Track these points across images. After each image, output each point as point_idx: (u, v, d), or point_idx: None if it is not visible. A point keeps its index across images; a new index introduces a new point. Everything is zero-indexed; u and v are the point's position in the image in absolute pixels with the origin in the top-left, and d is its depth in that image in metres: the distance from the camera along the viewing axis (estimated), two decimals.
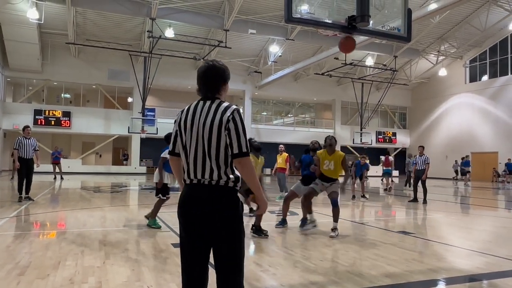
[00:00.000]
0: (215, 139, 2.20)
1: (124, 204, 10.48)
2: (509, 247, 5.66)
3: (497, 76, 28.72)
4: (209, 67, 2.37)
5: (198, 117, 2.28)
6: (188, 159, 2.26)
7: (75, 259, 4.44)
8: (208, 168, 2.20)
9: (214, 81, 2.36)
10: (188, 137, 2.27)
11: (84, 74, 26.33)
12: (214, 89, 2.36)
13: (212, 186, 2.19)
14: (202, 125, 2.24)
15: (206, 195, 2.18)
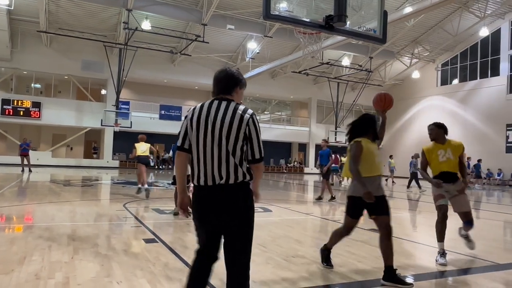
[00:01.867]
0: (233, 139, 2.27)
1: (95, 199, 10.25)
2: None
3: (467, 80, 29.70)
4: (224, 70, 2.49)
5: (214, 115, 2.32)
6: (204, 157, 2.30)
7: (42, 254, 4.31)
8: (224, 167, 2.26)
9: (227, 83, 2.43)
10: (202, 135, 2.30)
11: (56, 64, 25.54)
12: (227, 90, 2.42)
13: (229, 186, 2.28)
14: (220, 124, 2.28)
15: (223, 197, 2.29)
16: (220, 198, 2.28)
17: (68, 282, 3.43)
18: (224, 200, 2.29)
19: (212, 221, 2.34)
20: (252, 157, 2.34)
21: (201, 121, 2.32)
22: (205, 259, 2.42)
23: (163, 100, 30.13)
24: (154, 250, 4.69)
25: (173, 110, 29.08)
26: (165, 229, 6.23)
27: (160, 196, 11.28)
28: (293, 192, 15.35)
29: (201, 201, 2.33)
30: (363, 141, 3.87)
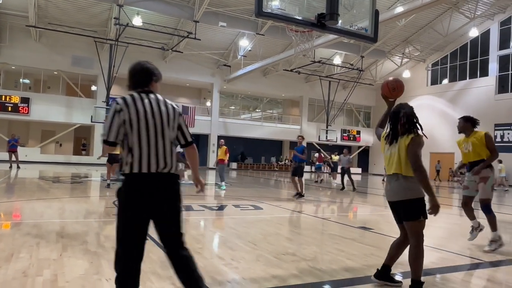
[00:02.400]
0: (172, 129, 2.52)
1: (84, 196, 10.17)
2: (461, 243, 5.94)
3: (456, 80, 30.03)
4: (139, 63, 2.68)
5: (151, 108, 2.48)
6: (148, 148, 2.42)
7: (30, 251, 4.26)
8: (168, 156, 2.47)
9: (144, 76, 2.61)
10: (145, 128, 2.43)
11: (45, 59, 25.22)
12: (144, 84, 2.60)
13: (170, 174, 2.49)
14: (159, 116, 2.47)
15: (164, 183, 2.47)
16: (161, 185, 2.46)
17: (57, 279, 3.39)
18: (165, 187, 2.47)
19: (146, 207, 2.44)
20: (185, 141, 2.62)
21: (141, 115, 2.43)
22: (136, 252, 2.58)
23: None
24: None
25: None
26: None
27: None
28: (284, 190, 15.38)
29: (140, 187, 2.42)
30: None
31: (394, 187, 3.32)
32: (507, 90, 26.88)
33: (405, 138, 3.27)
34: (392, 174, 3.31)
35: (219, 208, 8.57)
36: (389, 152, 3.38)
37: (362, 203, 12.02)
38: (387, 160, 3.40)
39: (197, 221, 7.15)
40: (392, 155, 3.34)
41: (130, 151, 2.43)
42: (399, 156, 3.26)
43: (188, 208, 8.28)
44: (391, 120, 3.40)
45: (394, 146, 3.33)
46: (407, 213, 3.30)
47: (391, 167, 3.34)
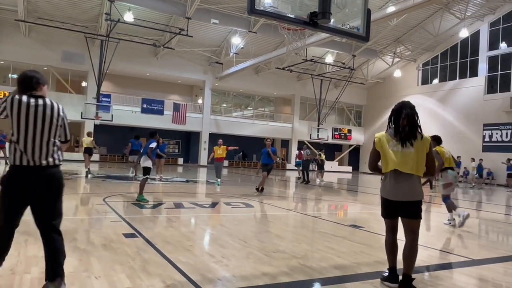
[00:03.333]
0: (54, 128, 2.96)
1: (74, 192, 10.08)
2: (449, 241, 6.02)
3: (446, 80, 30.32)
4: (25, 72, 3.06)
5: (36, 109, 2.88)
6: (32, 144, 2.85)
7: (18, 248, 4.21)
8: (44, 152, 2.89)
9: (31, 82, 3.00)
10: (32, 125, 2.85)
11: (35, 54, 24.88)
12: (33, 88, 2.99)
13: (44, 167, 2.89)
14: (42, 116, 2.89)
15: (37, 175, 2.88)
16: (37, 177, 2.87)
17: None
18: (41, 178, 2.89)
19: (23, 195, 2.87)
20: (65, 138, 3.12)
21: (22, 114, 2.84)
22: (12, 227, 2.99)
23: (145, 93, 29.76)
24: (134, 245, 4.64)
25: (155, 104, 28.74)
26: (146, 224, 6.18)
27: None
28: (275, 188, 15.41)
29: (19, 178, 2.85)
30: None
31: (406, 186, 3.34)
32: (496, 90, 27.21)
33: (422, 140, 3.40)
34: (406, 173, 3.33)
35: (210, 206, 8.56)
36: (401, 151, 3.38)
37: (352, 201, 12.09)
38: (399, 159, 3.37)
39: (188, 219, 7.13)
40: (407, 155, 3.35)
41: (14, 145, 2.87)
42: (418, 158, 3.34)
43: (179, 205, 8.25)
44: (396, 117, 3.47)
45: (409, 146, 3.36)
46: (414, 212, 3.37)
47: (406, 166, 3.34)
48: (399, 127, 3.42)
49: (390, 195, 3.43)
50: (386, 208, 3.54)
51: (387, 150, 3.45)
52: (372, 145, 3.62)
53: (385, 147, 3.47)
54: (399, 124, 3.42)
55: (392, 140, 3.44)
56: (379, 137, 3.56)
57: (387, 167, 3.46)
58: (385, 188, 3.49)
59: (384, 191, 3.51)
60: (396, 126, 3.45)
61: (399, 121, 3.44)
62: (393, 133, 3.48)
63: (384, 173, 3.53)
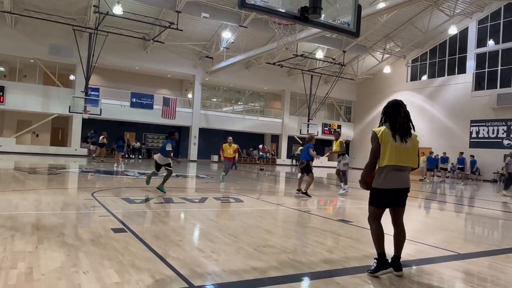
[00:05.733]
0: None
1: (62, 187, 9.97)
2: (436, 236, 6.10)
3: (435, 77, 30.61)
4: None
5: None
6: None
7: (4, 243, 4.15)
8: None
9: None
10: None
11: (21, 46, 24.45)
12: None
13: None
14: None
15: None
16: None
17: (32, 272, 3.32)
18: None
19: None
20: None
21: None
22: None
23: (135, 87, 29.49)
24: (122, 239, 4.61)
25: (144, 98, 28.51)
26: (135, 219, 6.14)
27: (130, 185, 11.09)
28: (265, 183, 15.43)
29: None
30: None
31: (405, 175, 3.65)
32: (483, 87, 27.57)
33: (413, 137, 3.69)
34: (407, 166, 3.62)
35: (200, 201, 8.54)
36: (400, 146, 3.57)
37: (341, 196, 12.16)
38: (400, 153, 3.56)
39: (177, 213, 7.11)
40: (406, 150, 3.58)
41: None
42: (414, 152, 3.65)
43: (169, 200, 8.22)
44: (393, 114, 3.61)
45: (407, 142, 3.59)
46: (405, 199, 3.78)
47: (407, 160, 3.61)
48: (396, 124, 3.58)
49: (392, 184, 3.60)
50: (385, 198, 3.69)
51: (391, 145, 3.55)
52: (375, 141, 3.63)
53: (390, 142, 3.57)
54: (397, 121, 3.57)
55: (392, 136, 3.58)
56: (381, 132, 3.59)
57: (389, 161, 3.55)
58: (385, 180, 3.60)
59: (384, 182, 3.61)
60: (393, 123, 3.59)
61: (396, 118, 3.59)
62: (390, 129, 3.61)
63: (380, 167, 3.61)
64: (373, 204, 3.76)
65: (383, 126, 3.68)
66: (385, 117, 3.69)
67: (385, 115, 3.68)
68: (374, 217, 3.80)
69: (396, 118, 3.60)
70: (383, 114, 3.72)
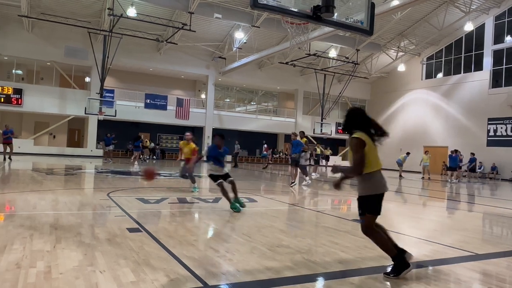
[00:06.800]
0: None
1: (78, 188, 10.12)
2: (453, 236, 6.00)
3: (451, 74, 30.12)
4: None
5: None
6: None
7: (23, 243, 4.24)
8: None
9: None
10: None
11: (38, 50, 24.92)
12: None
13: None
14: None
15: None
16: None
17: (50, 271, 3.39)
18: None
19: None
20: None
21: None
22: None
23: (149, 88, 29.77)
24: (138, 239, 4.66)
25: (158, 99, 28.75)
26: (149, 219, 6.20)
27: (144, 185, 11.20)
28: (279, 183, 15.41)
29: None
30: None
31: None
32: (500, 84, 27.02)
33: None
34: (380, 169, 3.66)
35: (214, 201, 8.57)
36: (375, 151, 3.64)
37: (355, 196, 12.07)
38: (376, 157, 3.64)
39: (191, 213, 7.15)
40: (376, 154, 3.65)
41: None
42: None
43: (183, 200, 8.28)
44: (364, 121, 3.63)
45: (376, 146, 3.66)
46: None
47: (380, 163, 3.69)
48: (370, 129, 3.61)
49: (386, 188, 3.68)
50: (380, 203, 3.68)
51: (374, 150, 3.60)
52: (358, 147, 3.52)
53: (372, 147, 3.60)
54: (371, 127, 3.62)
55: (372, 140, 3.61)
56: (365, 138, 3.55)
57: (376, 165, 3.62)
58: (380, 184, 3.63)
59: (379, 187, 3.63)
60: (366, 128, 3.60)
61: (369, 124, 3.63)
62: (367, 134, 3.61)
63: (368, 173, 3.58)
64: (372, 212, 3.68)
65: (359, 132, 3.59)
66: (356, 123, 3.64)
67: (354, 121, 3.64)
68: (373, 224, 3.76)
69: (368, 124, 3.62)
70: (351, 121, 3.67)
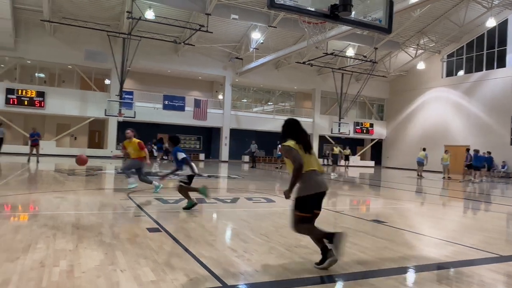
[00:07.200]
0: None
1: (99, 188, 10.31)
2: (475, 237, 5.87)
3: (472, 72, 29.43)
4: None
5: None
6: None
7: (47, 242, 4.35)
8: None
9: None
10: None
11: (59, 53, 25.49)
12: None
13: None
14: None
15: None
16: None
17: (73, 270, 3.46)
18: None
19: None
20: None
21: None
22: None
23: (167, 90, 30.08)
24: (157, 239, 4.72)
25: (176, 100, 29.04)
26: (169, 219, 6.27)
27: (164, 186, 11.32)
28: None
29: None
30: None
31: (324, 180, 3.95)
32: None
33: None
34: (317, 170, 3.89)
35: (232, 201, 8.60)
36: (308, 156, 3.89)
37: (374, 196, 11.94)
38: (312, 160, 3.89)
39: (210, 213, 7.20)
40: (315, 158, 3.95)
41: None
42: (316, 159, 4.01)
43: (201, 200, 8.33)
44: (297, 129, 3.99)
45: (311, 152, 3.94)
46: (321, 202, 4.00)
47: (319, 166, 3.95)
48: (300, 138, 3.92)
49: (323, 188, 3.88)
50: (318, 201, 3.91)
51: (303, 154, 3.85)
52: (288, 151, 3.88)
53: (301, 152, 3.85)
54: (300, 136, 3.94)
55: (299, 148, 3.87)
56: (292, 145, 3.88)
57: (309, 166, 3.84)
58: (316, 184, 3.84)
59: (315, 186, 3.83)
60: (297, 137, 3.93)
61: (299, 134, 3.96)
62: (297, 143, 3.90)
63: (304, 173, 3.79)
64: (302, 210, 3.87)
65: (290, 140, 3.91)
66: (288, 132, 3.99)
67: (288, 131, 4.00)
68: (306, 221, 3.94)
69: (298, 133, 3.95)
70: (285, 131, 4.02)
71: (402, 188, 14.02)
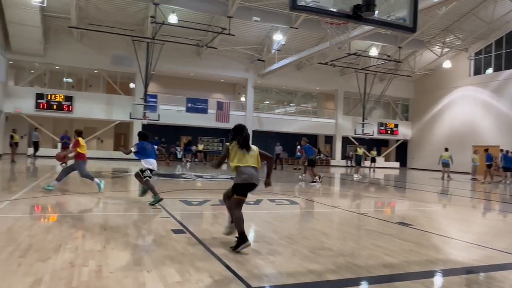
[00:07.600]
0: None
1: (125, 190, 10.53)
2: (506, 241, 5.68)
3: (502, 70, 28.49)
4: None
5: None
6: None
7: (76, 242, 4.48)
8: None
9: None
10: None
11: (86, 58, 26.20)
12: None
13: None
14: None
15: None
16: None
17: (101, 270, 3.55)
18: None
19: None
20: None
21: None
22: None
23: (190, 93, 30.44)
24: (182, 240, 4.79)
25: (199, 103, 29.35)
26: (193, 220, 6.34)
27: (188, 188, 11.46)
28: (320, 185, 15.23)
29: None
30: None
31: (256, 174, 4.70)
32: None
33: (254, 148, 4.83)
34: (252, 166, 4.68)
35: (255, 203, 8.62)
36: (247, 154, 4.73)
37: (400, 198, 11.72)
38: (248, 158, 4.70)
39: None
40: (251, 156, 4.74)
41: None
42: (256, 157, 4.79)
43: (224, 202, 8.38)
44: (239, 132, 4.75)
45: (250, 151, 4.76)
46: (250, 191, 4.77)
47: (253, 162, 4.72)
48: (239, 139, 4.73)
49: (252, 180, 4.63)
50: (245, 189, 4.68)
51: (237, 153, 4.70)
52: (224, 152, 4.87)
53: (236, 151, 4.72)
54: (240, 138, 4.73)
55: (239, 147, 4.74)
56: (231, 146, 4.80)
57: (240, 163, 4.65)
58: (247, 176, 4.61)
59: (246, 178, 4.61)
60: (238, 139, 4.75)
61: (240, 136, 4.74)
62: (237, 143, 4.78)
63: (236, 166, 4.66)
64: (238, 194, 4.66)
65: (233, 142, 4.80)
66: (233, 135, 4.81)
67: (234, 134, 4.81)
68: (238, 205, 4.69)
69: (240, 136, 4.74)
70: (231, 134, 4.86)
71: (429, 190, 13.70)
